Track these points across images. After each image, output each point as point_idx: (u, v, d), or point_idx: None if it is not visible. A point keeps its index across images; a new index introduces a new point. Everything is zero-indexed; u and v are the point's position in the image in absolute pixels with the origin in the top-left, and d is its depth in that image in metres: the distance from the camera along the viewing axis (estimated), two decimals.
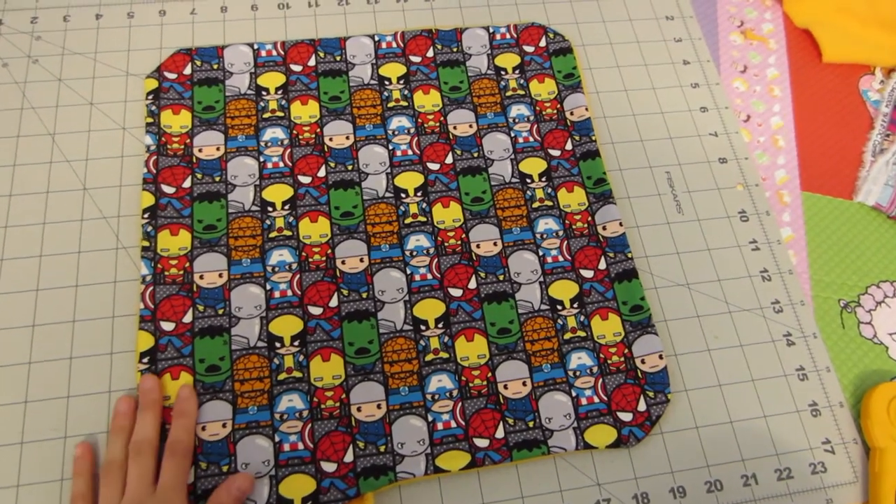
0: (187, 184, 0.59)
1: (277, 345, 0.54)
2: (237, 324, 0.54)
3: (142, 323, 0.53)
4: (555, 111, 0.64)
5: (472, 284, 0.57)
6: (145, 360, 0.52)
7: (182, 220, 0.57)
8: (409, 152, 0.62)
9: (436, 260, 0.58)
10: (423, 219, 0.59)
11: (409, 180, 0.61)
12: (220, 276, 0.56)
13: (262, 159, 0.61)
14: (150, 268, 0.55)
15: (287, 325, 0.55)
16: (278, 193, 0.59)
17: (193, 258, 0.56)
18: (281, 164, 0.61)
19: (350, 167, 0.61)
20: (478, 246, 0.58)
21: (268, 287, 0.56)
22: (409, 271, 0.57)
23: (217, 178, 0.59)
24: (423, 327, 0.55)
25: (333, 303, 0.55)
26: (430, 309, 0.56)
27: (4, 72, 0.63)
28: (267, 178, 0.60)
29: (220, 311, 0.55)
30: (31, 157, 0.60)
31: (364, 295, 0.56)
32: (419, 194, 0.60)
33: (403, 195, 0.60)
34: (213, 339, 0.54)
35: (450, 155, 0.62)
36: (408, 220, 0.59)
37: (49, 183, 0.59)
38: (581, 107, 0.64)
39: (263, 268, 0.56)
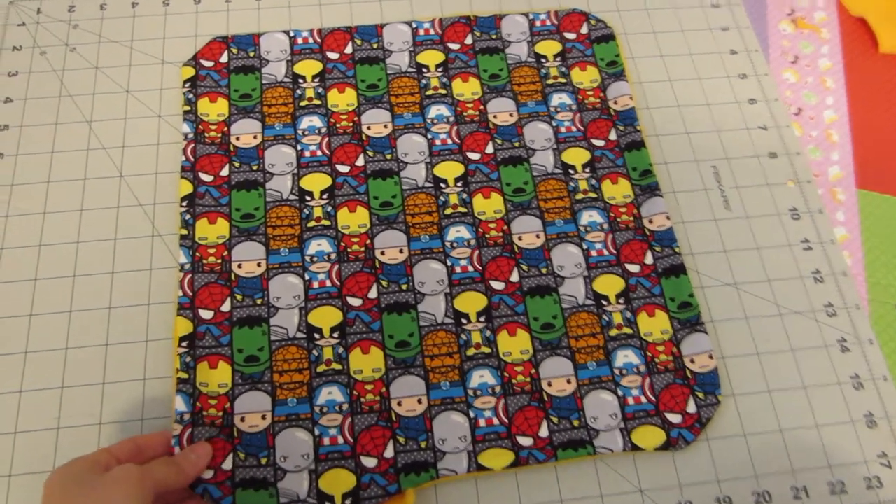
0: (225, 172, 0.58)
1: (317, 336, 0.53)
2: (276, 314, 0.53)
3: (180, 310, 0.52)
4: (598, 100, 0.63)
5: (514, 277, 0.55)
6: (184, 344, 0.51)
7: (220, 208, 0.57)
8: (449, 141, 0.60)
9: (477, 252, 0.56)
10: (463, 209, 0.58)
11: (449, 170, 0.59)
12: (259, 265, 0.55)
13: (299, 148, 0.60)
14: (188, 256, 0.54)
15: (326, 316, 0.53)
16: (316, 182, 0.58)
17: (231, 247, 0.55)
18: (319, 153, 0.59)
19: (389, 156, 0.60)
20: (520, 238, 0.57)
21: (306, 277, 0.55)
22: (449, 263, 0.56)
23: (254, 167, 0.59)
24: (464, 321, 0.54)
25: (373, 294, 0.54)
26: (471, 302, 0.54)
27: (43, 60, 0.63)
28: (305, 167, 0.59)
29: (259, 301, 0.54)
30: (68, 144, 0.59)
31: (404, 287, 0.55)
32: (459, 184, 0.59)
33: (443, 185, 0.59)
34: (252, 330, 0.53)
35: (490, 144, 0.60)
36: (448, 211, 0.58)
37: (86, 170, 0.58)
38: (625, 95, 0.62)
39: (302, 257, 0.55)
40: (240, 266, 0.55)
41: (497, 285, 0.55)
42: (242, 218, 0.56)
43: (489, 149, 0.60)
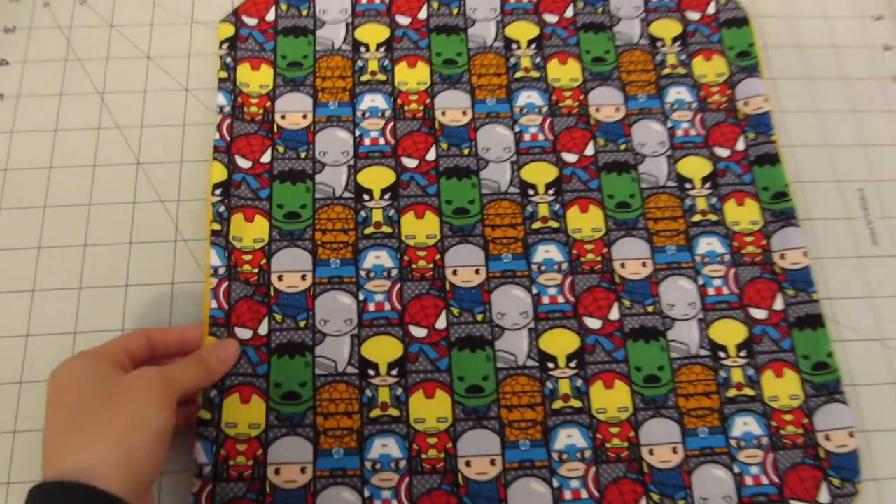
0: (266, 158, 0.48)
1: (371, 372, 0.43)
2: (322, 341, 0.44)
3: (212, 328, 0.42)
4: (724, 98, 0.51)
5: (614, 315, 0.45)
6: None
7: (259, 202, 0.46)
8: (540, 137, 0.50)
9: (569, 279, 0.46)
10: (555, 224, 0.47)
11: (540, 173, 0.49)
12: (303, 278, 0.45)
13: (357, 133, 0.49)
14: (222, 257, 0.44)
15: (383, 348, 0.44)
16: (377, 178, 0.48)
17: (271, 254, 0.45)
18: (381, 141, 0.49)
19: (466, 151, 0.49)
20: (622, 265, 0.46)
21: (361, 297, 0.45)
22: (535, 291, 0.46)
23: (302, 154, 0.48)
24: (551, 365, 0.44)
25: (441, 324, 0.44)
26: (560, 342, 0.45)
27: (45, 12, 0.52)
28: (363, 158, 0.48)
29: (302, 324, 0.44)
30: (74, 120, 0.49)
31: (479, 317, 0.45)
32: (551, 192, 0.48)
33: (531, 192, 0.48)
34: (293, 360, 0.43)
35: (591, 144, 0.50)
36: (536, 225, 0.47)
37: (96, 154, 0.48)
38: (758, 96, 0.51)
39: (356, 272, 0.45)
40: (280, 278, 0.45)
41: (593, 323, 0.45)
42: (286, 217, 0.46)
43: (589, 150, 0.49)
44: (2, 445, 0.41)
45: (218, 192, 0.46)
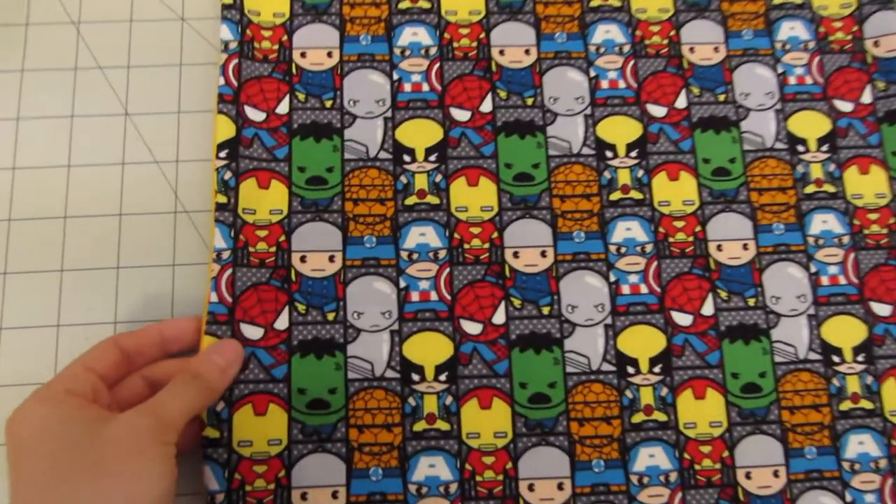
0: (283, 108, 0.39)
1: (415, 377, 0.36)
2: (356, 338, 0.36)
3: (210, 326, 0.35)
4: (848, 36, 0.41)
5: (708, 309, 0.37)
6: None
7: (275, 165, 0.38)
8: (621, 84, 0.40)
9: (654, 264, 0.38)
10: (638, 195, 0.39)
11: (620, 130, 0.39)
12: (332, 259, 0.37)
13: (396, 77, 0.40)
14: (228, 238, 0.36)
15: (430, 348, 0.36)
16: (420, 134, 0.39)
17: (292, 228, 0.37)
18: (425, 88, 0.40)
19: (530, 101, 0.40)
20: (719, 248, 0.38)
21: (402, 284, 0.37)
22: (613, 278, 0.37)
23: (328, 102, 0.39)
24: (631, 370, 0.36)
25: (499, 318, 0.37)
26: (642, 342, 0.37)
27: None
28: (403, 108, 0.39)
29: (331, 316, 0.36)
30: (46, 59, 0.39)
31: (545, 310, 0.37)
32: (634, 154, 0.39)
33: (609, 154, 0.39)
34: (321, 361, 0.36)
35: (683, 94, 0.40)
36: (615, 196, 0.39)
37: (73, 103, 0.39)
38: (894, 35, 0.41)
39: (396, 252, 0.37)
40: (303, 259, 0.37)
41: (682, 319, 0.37)
42: (309, 183, 0.38)
43: (680, 101, 0.40)
44: None
45: (223, 153, 0.37)
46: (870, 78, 0.41)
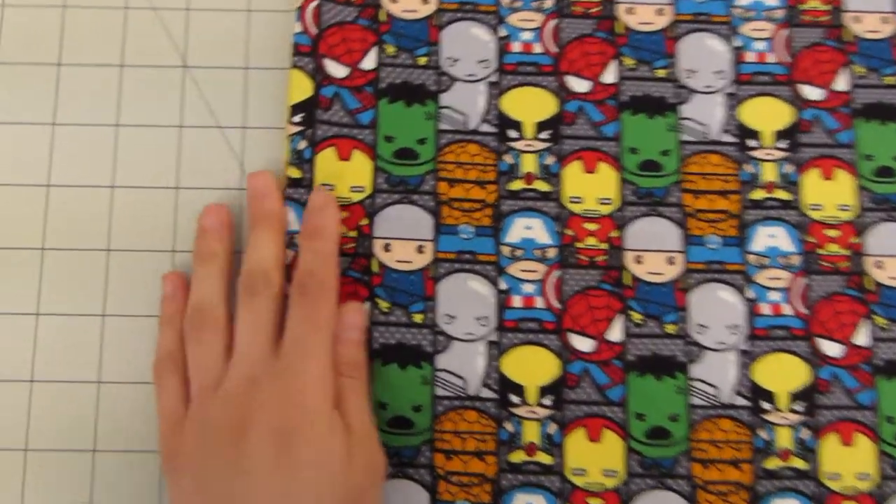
0: (369, 63, 0.32)
1: (514, 398, 0.30)
2: (447, 347, 0.30)
3: None
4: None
5: (862, 339, 0.31)
6: None
7: (359, 131, 0.31)
8: (770, 58, 0.33)
9: (802, 280, 0.32)
10: (784, 195, 0.32)
11: (767, 114, 0.33)
12: (420, 250, 0.31)
13: (503, 33, 0.33)
14: (300, 220, 0.30)
15: (533, 364, 0.30)
16: (530, 106, 0.32)
17: (375, 210, 0.31)
18: (537, 49, 0.33)
19: (662, 72, 0.33)
20: (879, 265, 0.32)
21: (503, 286, 0.31)
22: (751, 294, 0.31)
23: (422, 59, 0.32)
24: (767, 405, 0.31)
25: (615, 334, 0.31)
26: (783, 373, 0.31)
27: None
28: (511, 72, 0.33)
29: (418, 319, 0.30)
30: None
31: (670, 328, 0.31)
32: (782, 144, 0.33)
33: (753, 143, 0.33)
34: (405, 371, 0.30)
35: (844, 73, 0.33)
36: (757, 195, 0.32)
37: (123, 50, 0.32)
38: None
39: (496, 247, 0.31)
40: (388, 248, 0.31)
41: (830, 348, 0.31)
42: (397, 156, 0.32)
43: (840, 82, 0.33)
44: None
45: (298, 117, 0.31)
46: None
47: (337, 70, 0.32)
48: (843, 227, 0.32)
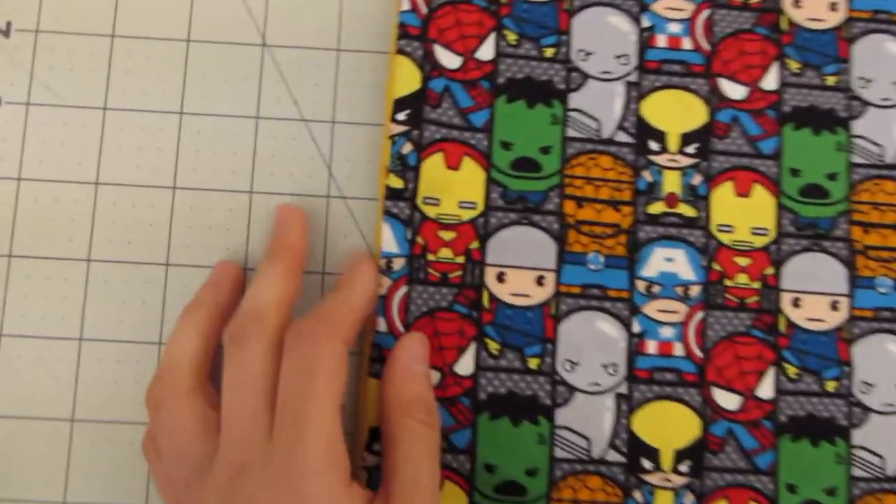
0: (487, 52, 0.27)
1: (647, 464, 0.26)
2: (569, 400, 0.26)
3: (375, 365, 0.25)
4: None
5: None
6: (378, 446, 0.24)
7: (471, 135, 0.26)
8: None
9: None
10: None
11: None
12: (540, 282, 0.26)
13: (646, 24, 0.27)
14: (402, 241, 0.25)
15: (670, 424, 0.26)
16: (676, 112, 0.27)
17: (488, 232, 0.26)
18: (686, 44, 0.27)
19: (832, 80, 0.28)
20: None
21: (636, 328, 0.26)
22: None
23: (549, 51, 0.27)
24: None
25: (765, 391, 0.26)
26: None
27: None
28: (654, 71, 0.27)
29: (534, 364, 0.26)
30: None
31: (830, 386, 0.26)
32: None
33: None
34: (518, 427, 0.25)
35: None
36: None
37: (190, 24, 0.27)
38: None
39: (630, 281, 0.26)
40: (501, 278, 0.26)
41: None
42: (515, 167, 0.26)
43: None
44: None
45: (403, 115, 0.25)
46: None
47: (448, 59, 0.26)
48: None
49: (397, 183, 0.25)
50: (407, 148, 0.25)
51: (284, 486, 0.20)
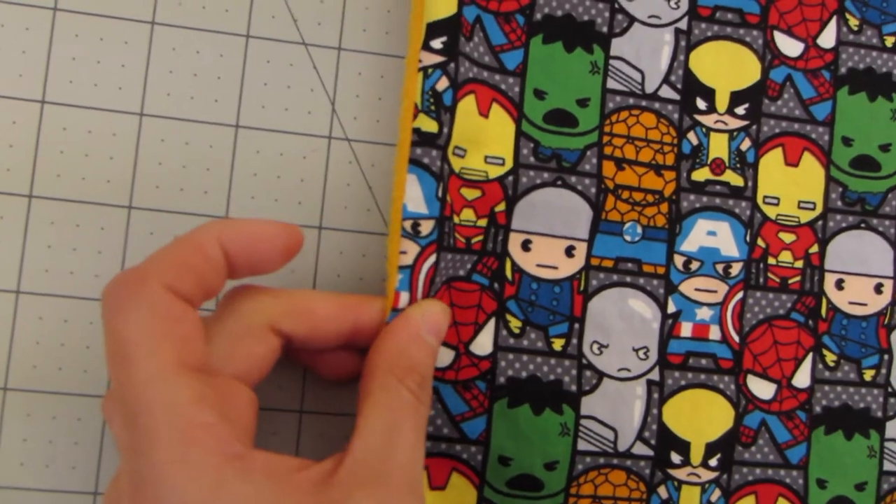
0: None
1: (675, 458, 0.23)
2: (596, 386, 0.23)
3: None
4: None
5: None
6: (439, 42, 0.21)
7: (503, 79, 0.22)
8: None
9: None
10: None
11: None
12: (570, 253, 0.23)
13: None
14: (432, 199, 0.21)
15: (703, 414, 0.23)
16: (727, 67, 0.24)
17: (517, 193, 0.23)
18: None
19: (892, 39, 0.25)
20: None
21: (672, 308, 0.23)
22: None
23: None
24: None
25: (802, 379, 0.24)
26: None
27: None
28: (706, 18, 0.24)
29: (558, 345, 0.23)
30: None
31: (868, 375, 0.24)
32: None
33: None
34: (540, 416, 0.22)
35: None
36: None
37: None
38: None
39: (668, 255, 0.23)
40: (527, 246, 0.23)
41: None
42: (549, 119, 0.23)
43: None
44: None
45: (438, 42, 0.21)
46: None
47: None
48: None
49: (431, 126, 0.21)
50: (443, 84, 0.21)
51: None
